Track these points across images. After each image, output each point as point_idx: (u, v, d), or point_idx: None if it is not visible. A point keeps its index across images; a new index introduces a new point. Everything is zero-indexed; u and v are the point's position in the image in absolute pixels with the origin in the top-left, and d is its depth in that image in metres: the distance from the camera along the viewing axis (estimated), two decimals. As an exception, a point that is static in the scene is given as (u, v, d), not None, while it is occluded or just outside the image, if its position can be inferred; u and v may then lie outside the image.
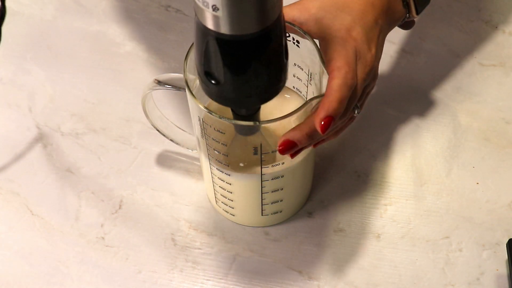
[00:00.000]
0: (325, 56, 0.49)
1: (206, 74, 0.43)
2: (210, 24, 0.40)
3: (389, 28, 0.54)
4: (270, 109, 0.53)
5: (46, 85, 0.70)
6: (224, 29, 0.40)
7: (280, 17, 0.42)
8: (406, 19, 0.56)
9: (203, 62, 0.43)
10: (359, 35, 0.49)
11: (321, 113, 0.47)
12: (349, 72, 0.47)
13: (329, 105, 0.47)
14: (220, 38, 0.40)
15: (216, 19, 0.39)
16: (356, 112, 0.51)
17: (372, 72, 0.50)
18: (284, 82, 0.46)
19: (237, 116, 0.48)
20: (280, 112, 0.54)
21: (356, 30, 0.49)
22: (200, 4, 0.39)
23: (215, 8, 0.39)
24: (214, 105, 0.54)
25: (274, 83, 0.45)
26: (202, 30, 0.41)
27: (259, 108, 0.48)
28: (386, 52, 0.70)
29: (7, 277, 0.58)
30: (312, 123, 0.48)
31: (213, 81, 0.43)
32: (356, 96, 0.49)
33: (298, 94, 0.56)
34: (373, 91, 0.67)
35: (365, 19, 0.50)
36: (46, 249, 0.59)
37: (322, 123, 0.47)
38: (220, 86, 0.44)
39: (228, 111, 0.48)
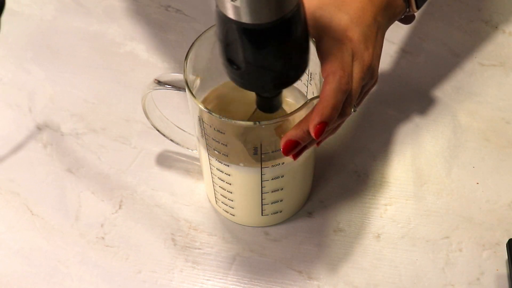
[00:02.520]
0: (320, 58, 0.49)
1: (230, 62, 0.45)
2: (231, 14, 0.41)
3: (389, 23, 0.54)
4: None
5: (46, 85, 0.70)
6: (245, 18, 0.41)
7: (299, 4, 0.43)
8: (406, 13, 0.55)
9: (226, 51, 0.44)
10: (355, 34, 0.49)
11: (315, 119, 0.47)
12: (344, 77, 0.47)
13: (322, 111, 0.47)
14: (241, 27, 0.41)
15: (236, 8, 0.40)
16: (352, 110, 0.50)
17: (370, 71, 0.50)
18: (305, 68, 0.47)
19: (261, 97, 0.49)
20: (279, 112, 0.54)
21: (353, 30, 0.49)
22: None
23: None
24: (214, 105, 0.55)
25: (296, 68, 0.46)
26: (224, 20, 0.42)
27: (281, 92, 0.49)
28: (386, 52, 0.70)
29: (7, 277, 0.58)
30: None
31: (237, 69, 0.45)
32: (352, 98, 0.48)
33: (298, 94, 0.56)
34: (373, 91, 0.67)
35: (363, 17, 0.50)
36: (46, 249, 0.59)
37: (316, 128, 0.47)
38: (243, 72, 0.45)
39: (228, 111, 0.48)
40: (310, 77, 0.53)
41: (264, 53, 0.43)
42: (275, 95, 0.49)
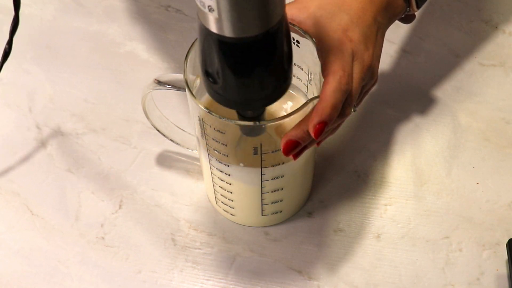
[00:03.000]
0: (320, 58, 0.49)
1: (208, 75, 0.43)
2: (212, 26, 0.40)
3: (389, 23, 0.54)
4: (270, 109, 0.53)
5: (46, 85, 0.70)
6: (226, 32, 0.39)
7: (282, 19, 0.41)
8: (406, 13, 0.55)
9: (205, 63, 0.43)
10: (356, 35, 0.49)
11: (315, 119, 0.47)
12: (344, 77, 0.47)
13: (322, 111, 0.47)
14: (221, 41, 0.40)
15: (217, 21, 0.39)
16: (352, 110, 0.50)
17: (370, 71, 0.50)
18: (289, 85, 0.45)
19: (242, 117, 0.47)
20: (279, 113, 0.54)
21: (353, 30, 0.49)
22: (198, 4, 0.39)
23: (210, 9, 0.38)
24: (214, 105, 0.54)
25: (278, 85, 0.44)
26: (204, 32, 0.41)
27: (264, 110, 0.47)
28: (386, 52, 0.70)
29: (7, 277, 0.58)
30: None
31: (214, 83, 0.43)
32: (352, 98, 0.48)
33: (298, 94, 0.56)
34: (373, 91, 0.67)
35: (363, 17, 0.50)
36: (46, 249, 0.59)
37: (315, 128, 0.47)
38: (223, 88, 0.43)
39: (228, 111, 0.48)
40: (310, 77, 0.53)
41: (247, 69, 0.42)
42: (258, 115, 0.47)
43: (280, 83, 0.44)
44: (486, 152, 0.64)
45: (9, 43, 0.60)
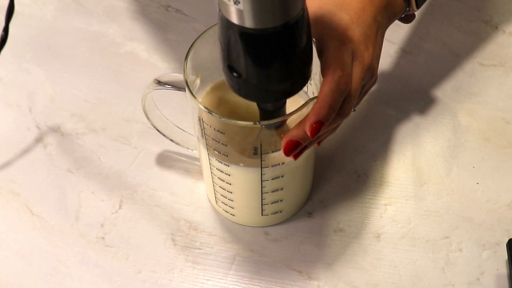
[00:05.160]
0: (320, 58, 0.49)
1: (231, 68, 0.44)
2: (234, 18, 0.40)
3: (389, 23, 0.54)
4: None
5: (46, 85, 0.70)
6: (248, 23, 0.40)
7: (303, 10, 0.42)
8: (406, 12, 0.55)
9: (228, 57, 0.43)
10: (356, 34, 0.49)
11: (311, 118, 0.47)
12: (343, 77, 0.47)
13: (319, 111, 0.47)
14: (243, 32, 0.41)
15: (239, 13, 0.39)
16: (352, 110, 0.50)
17: (370, 71, 0.50)
18: (309, 77, 0.46)
19: (263, 111, 0.48)
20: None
21: (353, 30, 0.49)
22: None
23: (236, 1, 0.39)
24: (214, 105, 0.54)
25: (300, 76, 0.45)
26: (226, 25, 0.41)
27: (285, 102, 0.48)
28: (386, 52, 0.70)
29: (7, 277, 0.58)
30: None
31: (237, 76, 0.43)
32: (352, 98, 0.48)
33: (298, 94, 0.56)
34: (373, 91, 0.67)
35: (363, 17, 0.50)
36: (46, 249, 0.59)
37: (312, 127, 0.47)
38: (244, 80, 0.44)
39: (228, 111, 0.48)
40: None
41: (267, 60, 0.42)
42: (278, 108, 0.48)
43: (301, 74, 0.45)
44: (486, 152, 0.64)
45: (5, 30, 0.60)
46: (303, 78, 0.46)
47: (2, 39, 0.60)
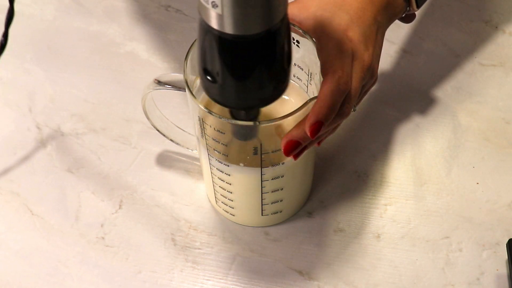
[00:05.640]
0: (320, 58, 0.48)
1: (206, 73, 0.43)
2: (213, 23, 0.39)
3: (389, 23, 0.54)
4: (270, 110, 0.53)
5: (46, 85, 0.70)
6: (227, 29, 0.39)
7: (285, 18, 0.41)
8: (406, 12, 0.55)
9: (204, 61, 0.43)
10: (356, 35, 0.49)
11: (311, 118, 0.47)
12: (343, 77, 0.47)
13: (319, 111, 0.47)
14: (222, 38, 0.40)
15: (219, 17, 0.39)
16: (352, 110, 0.50)
17: (370, 71, 0.50)
18: (286, 86, 0.45)
19: (235, 118, 0.47)
20: (279, 112, 0.54)
21: (353, 30, 0.49)
22: (202, 0, 0.39)
23: (214, 5, 0.38)
24: (214, 105, 0.54)
25: (276, 86, 0.44)
26: (205, 29, 0.40)
27: (258, 112, 0.47)
28: (386, 52, 0.70)
29: (7, 277, 0.58)
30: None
31: (212, 81, 0.43)
32: (352, 98, 0.48)
33: (298, 94, 0.56)
34: (373, 91, 0.67)
35: (363, 17, 0.50)
36: (46, 249, 0.59)
37: (311, 127, 0.47)
38: (220, 87, 0.43)
39: (228, 111, 0.48)
40: (310, 77, 0.53)
41: (247, 67, 0.41)
42: (252, 116, 0.47)
43: (278, 83, 0.44)
44: (486, 152, 0.64)
45: (5, 35, 0.60)
46: (281, 87, 0.45)
47: (2, 44, 0.60)
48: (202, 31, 0.41)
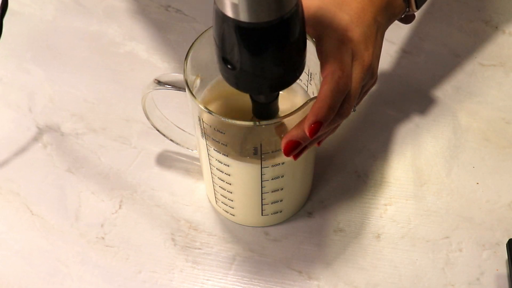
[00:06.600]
0: (320, 58, 0.49)
1: (225, 61, 0.44)
2: (228, 12, 0.41)
3: (389, 23, 0.54)
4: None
5: (46, 85, 0.70)
6: (243, 17, 0.40)
7: (298, 4, 0.42)
8: (406, 13, 0.55)
9: (222, 50, 0.44)
10: (356, 35, 0.49)
11: (310, 118, 0.47)
12: (342, 77, 0.47)
13: (318, 111, 0.47)
14: (238, 26, 0.41)
15: (234, 6, 0.40)
16: (352, 110, 0.50)
17: (370, 71, 0.50)
18: (302, 70, 0.46)
19: (255, 102, 0.49)
20: (280, 112, 0.54)
21: (353, 30, 0.49)
22: None
23: None
24: (214, 105, 0.55)
25: (292, 70, 0.45)
26: (221, 18, 0.42)
27: (277, 95, 0.48)
28: (386, 52, 0.70)
29: (7, 277, 0.58)
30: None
31: (232, 68, 0.44)
32: (352, 98, 0.48)
33: (298, 94, 0.56)
34: (373, 91, 0.67)
35: (363, 17, 0.50)
36: (46, 249, 0.59)
37: (311, 127, 0.47)
38: (238, 73, 0.44)
39: (228, 111, 0.48)
40: (310, 77, 0.53)
41: (262, 53, 0.43)
42: (271, 100, 0.48)
43: (294, 67, 0.45)
44: (486, 152, 0.64)
45: None
46: (298, 69, 0.46)
47: None
48: (218, 20, 0.42)
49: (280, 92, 0.48)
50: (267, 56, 0.43)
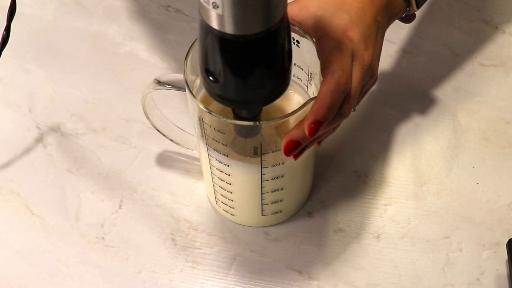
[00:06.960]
0: (320, 58, 0.49)
1: (208, 73, 0.43)
2: (213, 23, 0.40)
3: (389, 23, 0.54)
4: (270, 109, 0.53)
5: (46, 85, 0.70)
6: (228, 29, 0.39)
7: (284, 18, 0.41)
8: (406, 12, 0.55)
9: (205, 61, 0.43)
10: (356, 35, 0.49)
11: (310, 118, 0.47)
12: (342, 77, 0.47)
13: (318, 111, 0.47)
14: (223, 38, 0.40)
15: (219, 18, 0.39)
16: (352, 110, 0.50)
17: (370, 71, 0.50)
18: (287, 85, 0.45)
19: (238, 117, 0.47)
20: (280, 112, 0.54)
21: (353, 30, 0.49)
22: (202, 1, 0.39)
23: (214, 6, 0.38)
24: (214, 105, 0.54)
25: (277, 85, 0.44)
26: (206, 29, 0.41)
27: (260, 110, 0.47)
28: (386, 52, 0.70)
29: (7, 277, 0.58)
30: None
31: (214, 81, 0.43)
32: (352, 98, 0.48)
33: (298, 94, 0.56)
34: (373, 91, 0.67)
35: (363, 17, 0.50)
36: (46, 249, 0.59)
37: (310, 127, 0.47)
38: (221, 86, 0.43)
39: (228, 111, 0.48)
40: (310, 77, 0.53)
41: (246, 67, 0.42)
42: (254, 115, 0.47)
43: (279, 82, 0.44)
44: (486, 152, 0.64)
45: (7, 29, 0.60)
46: (282, 85, 0.45)
47: (4, 39, 0.60)
48: (203, 31, 0.41)
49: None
50: (252, 70, 0.42)
